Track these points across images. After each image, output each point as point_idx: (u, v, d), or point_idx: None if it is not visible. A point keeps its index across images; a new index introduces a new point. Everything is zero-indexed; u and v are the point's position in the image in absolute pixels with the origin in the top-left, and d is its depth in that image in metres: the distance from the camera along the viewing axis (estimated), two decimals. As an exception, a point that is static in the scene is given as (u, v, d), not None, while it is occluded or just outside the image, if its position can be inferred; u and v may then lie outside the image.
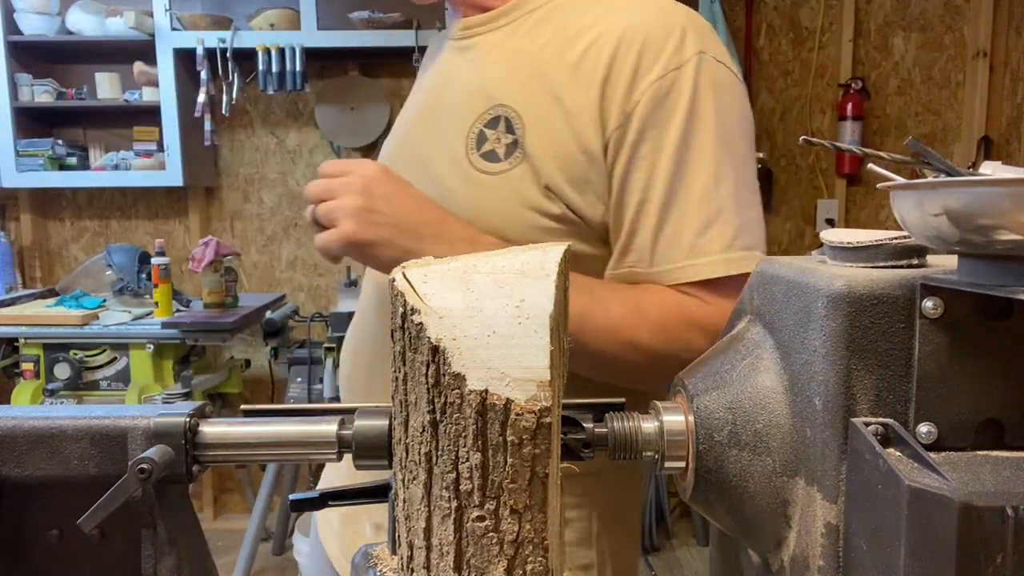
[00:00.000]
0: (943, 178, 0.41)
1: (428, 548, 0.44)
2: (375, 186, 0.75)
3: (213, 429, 0.56)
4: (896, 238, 0.47)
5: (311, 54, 2.94)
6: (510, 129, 0.79)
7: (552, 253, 0.48)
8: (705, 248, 0.77)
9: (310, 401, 2.65)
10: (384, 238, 0.74)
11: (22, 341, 2.69)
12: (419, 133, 0.92)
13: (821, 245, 0.52)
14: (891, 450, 0.42)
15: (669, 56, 0.76)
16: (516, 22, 0.86)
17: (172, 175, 2.98)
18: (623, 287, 0.80)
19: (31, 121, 3.11)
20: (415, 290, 0.44)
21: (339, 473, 1.00)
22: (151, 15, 2.94)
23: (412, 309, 0.42)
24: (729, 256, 0.76)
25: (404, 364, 0.44)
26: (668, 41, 0.77)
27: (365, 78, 3.20)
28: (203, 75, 2.93)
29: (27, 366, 2.68)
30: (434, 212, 0.77)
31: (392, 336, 0.45)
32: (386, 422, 0.53)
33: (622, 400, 0.57)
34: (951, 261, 0.45)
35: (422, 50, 2.92)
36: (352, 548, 0.91)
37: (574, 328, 0.75)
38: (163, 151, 3.01)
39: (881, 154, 0.49)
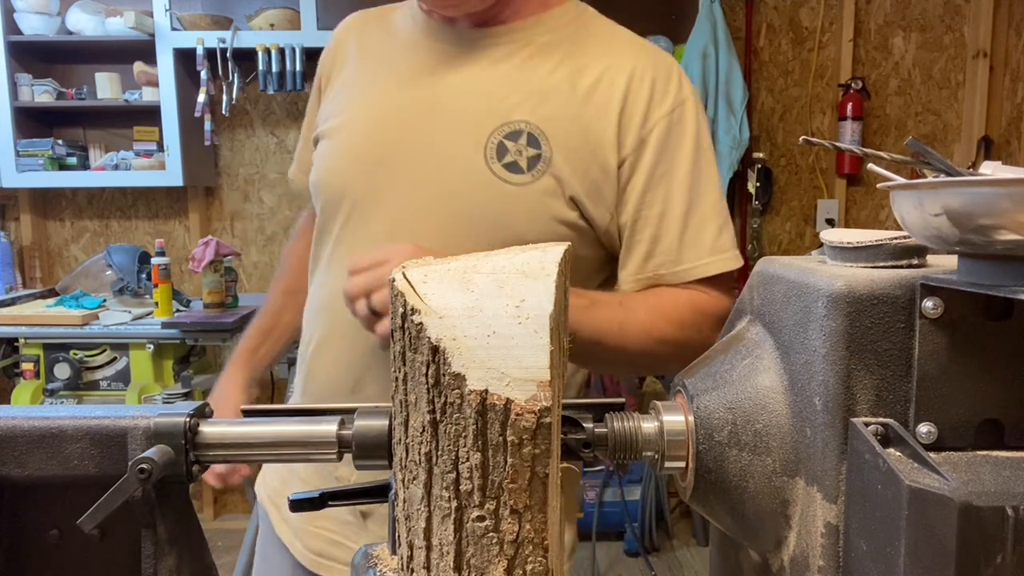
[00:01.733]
0: (943, 178, 0.41)
1: (428, 548, 0.44)
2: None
3: (213, 429, 0.56)
4: (896, 238, 0.47)
5: (311, 54, 2.93)
6: (533, 143, 0.87)
7: (552, 253, 0.48)
8: (722, 247, 0.92)
9: (310, 401, 2.65)
10: None
11: (22, 341, 2.69)
12: (406, 134, 0.92)
13: (821, 245, 0.52)
14: (891, 450, 0.42)
15: (675, 94, 0.91)
16: (523, 41, 0.92)
17: (172, 175, 2.98)
18: (641, 295, 0.91)
19: (31, 121, 3.11)
20: (415, 290, 0.44)
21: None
22: (151, 15, 2.94)
23: (412, 309, 0.42)
24: (735, 253, 0.93)
25: (404, 364, 0.44)
26: (671, 82, 0.91)
27: None
28: (203, 75, 2.93)
29: (27, 366, 2.68)
30: None
31: (392, 336, 0.45)
32: (386, 422, 0.53)
33: (622, 400, 0.57)
34: (951, 261, 0.45)
35: (422, 50, 2.91)
36: (315, 542, 0.99)
37: (617, 338, 0.85)
38: (163, 151, 3.01)
39: (881, 154, 0.49)
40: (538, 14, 0.94)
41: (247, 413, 0.59)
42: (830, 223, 3.27)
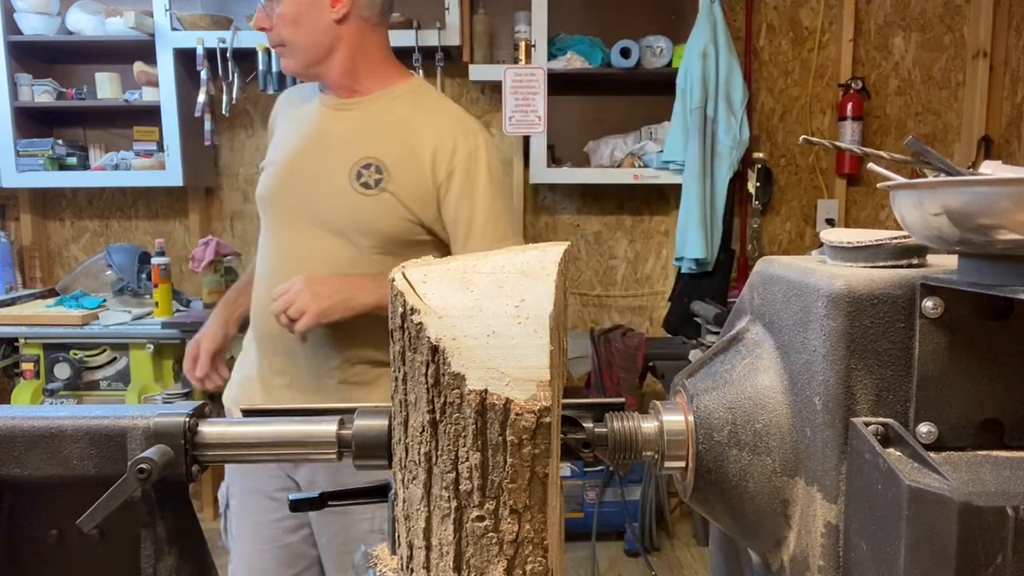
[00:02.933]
0: (943, 178, 0.41)
1: (428, 548, 0.44)
2: (311, 285, 1.30)
3: (213, 429, 0.56)
4: (896, 238, 0.47)
5: (311, 54, 2.94)
6: (378, 171, 1.38)
7: (552, 253, 0.48)
8: (508, 241, 1.40)
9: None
10: (333, 303, 1.31)
11: (22, 341, 2.69)
12: (305, 166, 1.45)
13: (821, 245, 0.52)
14: (891, 450, 0.42)
15: (471, 143, 1.41)
16: (375, 105, 1.46)
17: (172, 175, 2.98)
18: None
19: (31, 121, 3.11)
20: (415, 290, 0.44)
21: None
22: (151, 15, 2.94)
23: (412, 309, 0.42)
24: (518, 243, 1.35)
25: (404, 364, 0.43)
26: (468, 136, 1.41)
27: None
28: (203, 75, 2.93)
29: (27, 366, 2.68)
30: (343, 278, 1.36)
31: (392, 336, 0.45)
32: (386, 422, 0.53)
33: (622, 400, 0.57)
34: (951, 261, 0.45)
35: (422, 50, 2.92)
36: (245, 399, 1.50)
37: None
38: (163, 151, 3.00)
39: (881, 154, 0.49)
40: (384, 89, 1.46)
41: (247, 413, 0.59)
42: (830, 223, 3.27)
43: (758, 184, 3.11)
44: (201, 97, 2.96)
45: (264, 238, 1.50)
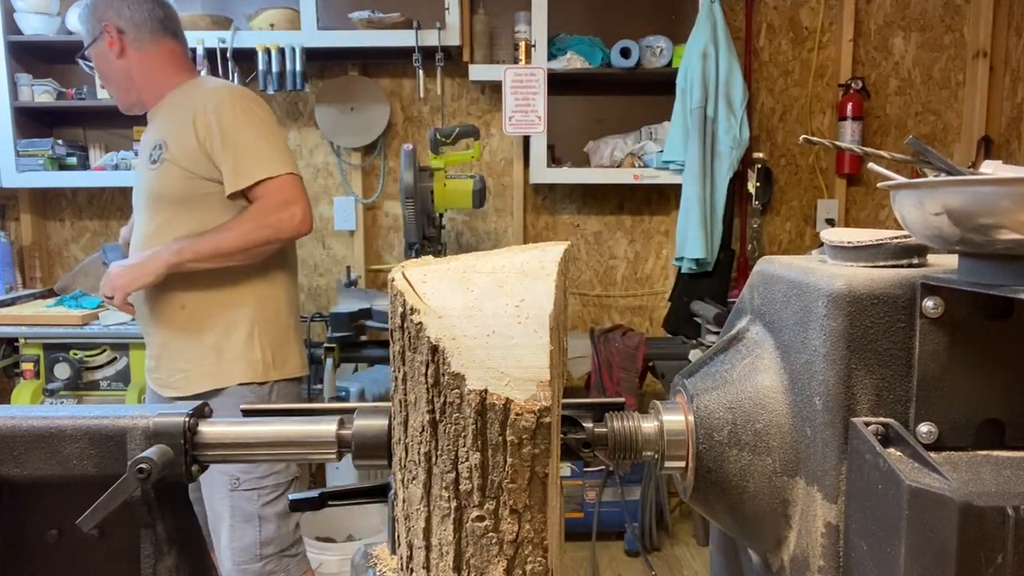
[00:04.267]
0: (943, 177, 0.41)
1: (428, 548, 0.44)
2: (109, 273, 1.74)
3: (212, 429, 0.56)
4: (896, 237, 0.47)
5: (311, 54, 2.93)
6: (159, 147, 1.77)
7: (552, 252, 0.48)
8: (267, 164, 1.76)
9: (310, 401, 2.65)
10: (128, 279, 1.72)
11: (22, 341, 2.69)
12: (139, 159, 1.91)
13: (821, 245, 0.52)
14: (891, 450, 0.42)
15: (215, 100, 1.76)
16: (163, 105, 1.84)
17: (172, 175, 2.98)
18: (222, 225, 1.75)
19: (31, 121, 3.11)
20: (414, 290, 0.44)
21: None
22: (151, 15, 2.94)
23: (411, 309, 0.42)
24: (267, 168, 1.74)
25: (403, 364, 0.43)
26: (216, 92, 1.79)
27: (365, 78, 3.20)
28: (203, 75, 2.93)
29: (27, 366, 2.68)
30: (138, 258, 1.75)
31: (391, 336, 0.45)
32: (385, 422, 0.53)
33: (622, 400, 0.57)
34: (951, 261, 0.45)
35: (422, 50, 2.92)
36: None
37: (222, 245, 1.72)
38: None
39: (882, 153, 0.49)
40: (169, 93, 1.84)
41: (247, 413, 0.59)
42: (830, 223, 3.27)
43: (758, 184, 3.11)
44: (201, 97, 2.95)
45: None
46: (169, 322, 1.79)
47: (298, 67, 2.90)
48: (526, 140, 3.11)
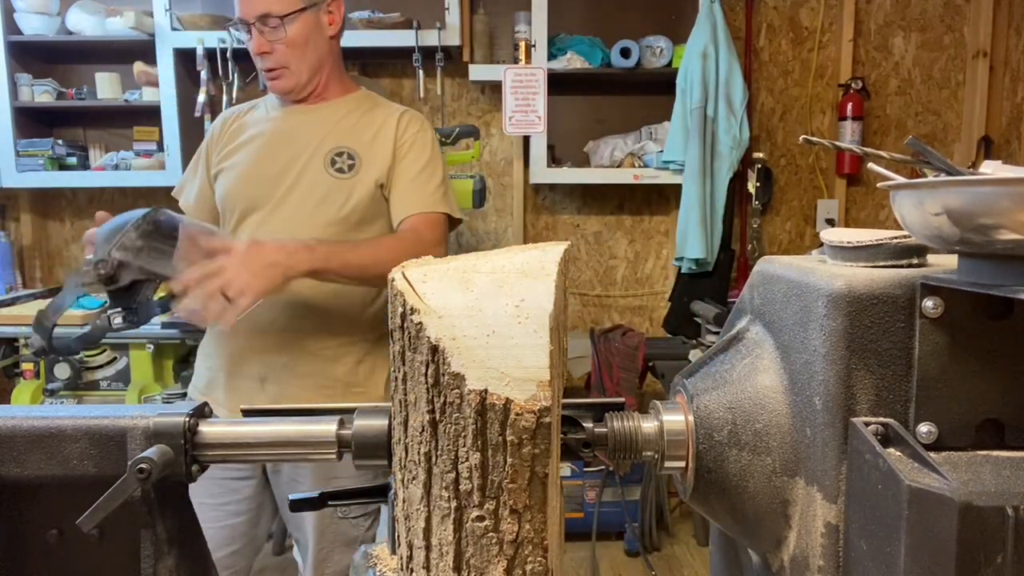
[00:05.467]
0: (943, 177, 0.41)
1: (428, 548, 0.44)
2: (233, 261, 1.27)
3: (212, 429, 0.56)
4: (896, 238, 0.47)
5: (311, 54, 2.94)
6: (351, 157, 1.59)
7: (551, 253, 0.48)
8: (433, 188, 1.62)
9: (310, 401, 2.64)
10: (270, 279, 1.29)
11: (22, 341, 2.69)
12: (276, 158, 1.59)
13: (821, 245, 0.52)
14: (891, 450, 0.42)
15: (418, 127, 1.65)
16: (341, 107, 1.65)
17: (172, 175, 2.97)
18: (366, 240, 1.56)
19: (31, 121, 3.11)
20: (414, 289, 0.44)
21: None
22: (151, 15, 2.93)
23: (411, 309, 0.42)
24: (442, 202, 1.62)
25: (403, 364, 0.43)
26: (413, 121, 1.65)
27: (365, 78, 3.20)
28: (203, 75, 2.93)
29: (27, 366, 2.68)
30: (269, 248, 1.32)
31: (391, 336, 0.45)
32: (385, 422, 0.53)
33: (622, 400, 0.57)
34: (951, 261, 0.45)
35: (422, 50, 2.92)
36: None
37: (360, 257, 1.45)
38: (163, 151, 3.00)
39: (881, 153, 0.49)
40: (346, 95, 1.68)
41: (247, 413, 0.59)
42: (830, 223, 3.27)
43: (758, 184, 3.11)
44: (201, 97, 2.96)
45: (240, 232, 1.60)
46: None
47: (298, 67, 2.90)
48: (526, 140, 3.11)
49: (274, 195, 1.56)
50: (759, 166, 3.10)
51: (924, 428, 0.44)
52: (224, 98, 3.01)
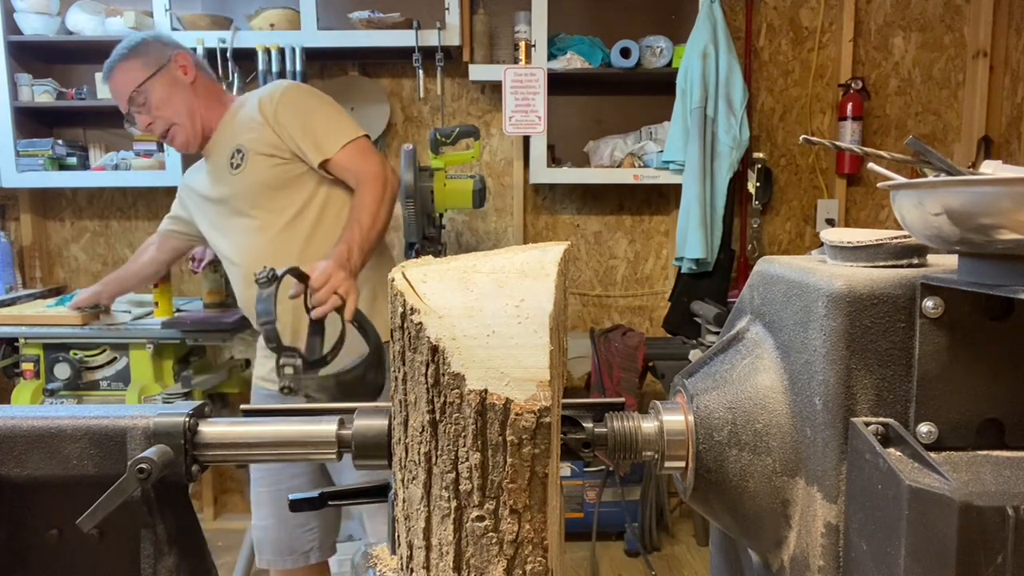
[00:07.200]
0: (943, 177, 0.41)
1: (428, 548, 0.44)
2: (334, 271, 1.61)
3: (212, 429, 0.56)
4: (896, 238, 0.47)
5: (311, 54, 2.93)
6: (239, 151, 1.84)
7: (552, 253, 0.48)
8: (348, 132, 1.86)
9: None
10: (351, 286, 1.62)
11: (22, 341, 2.69)
12: (208, 184, 1.96)
13: (821, 245, 0.52)
14: (891, 450, 0.42)
15: (275, 91, 1.86)
16: (220, 131, 1.94)
17: (172, 175, 2.97)
18: (352, 211, 1.79)
19: (31, 121, 3.11)
20: (414, 290, 0.44)
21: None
22: (151, 15, 2.93)
23: (411, 309, 0.42)
24: (346, 133, 1.84)
25: (403, 364, 0.43)
26: (267, 89, 1.89)
27: (365, 78, 3.20)
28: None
29: (27, 366, 2.68)
30: (341, 248, 1.68)
31: (392, 336, 0.45)
32: (385, 422, 0.53)
33: (622, 400, 0.57)
34: (951, 261, 0.45)
35: (422, 50, 2.92)
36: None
37: (370, 230, 1.75)
38: (163, 151, 3.00)
39: (882, 153, 0.49)
40: (223, 116, 1.94)
41: (247, 413, 0.59)
42: (830, 223, 3.27)
43: (758, 184, 3.11)
44: (201, 97, 2.95)
45: (218, 252, 2.02)
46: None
47: (298, 67, 2.90)
48: (526, 140, 3.11)
49: (222, 223, 1.93)
50: (759, 166, 3.10)
51: (924, 428, 0.44)
52: (224, 98, 3.01)
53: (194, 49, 2.93)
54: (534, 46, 2.95)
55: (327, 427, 0.55)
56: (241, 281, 1.90)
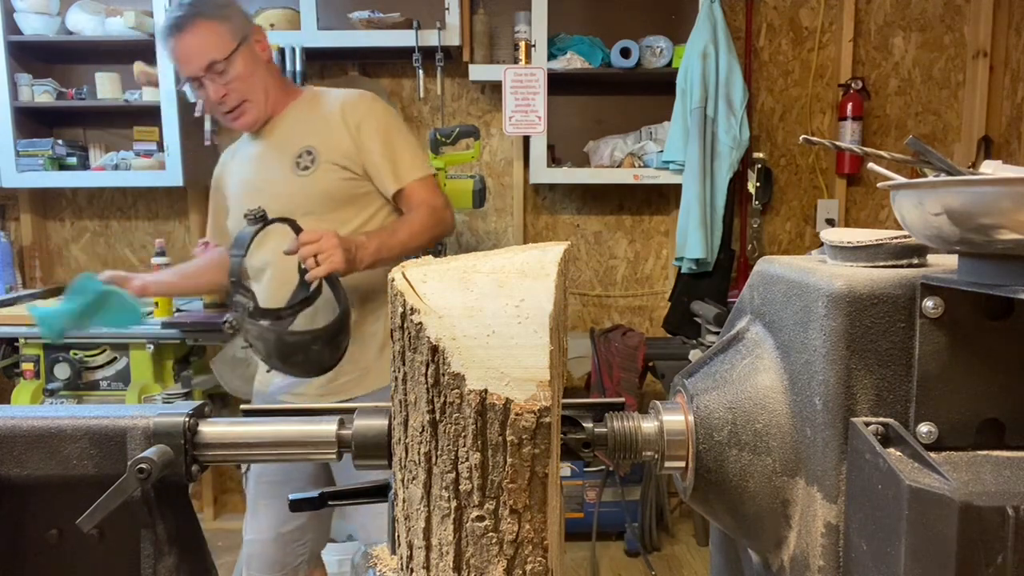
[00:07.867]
0: (943, 177, 0.41)
1: (428, 548, 0.44)
2: (329, 238, 1.56)
3: (212, 429, 0.56)
4: (896, 238, 0.47)
5: (311, 54, 2.93)
6: (310, 153, 1.75)
7: (551, 253, 0.48)
8: (423, 166, 1.83)
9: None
10: (348, 260, 1.58)
11: (22, 341, 2.69)
12: (256, 171, 1.83)
13: (821, 245, 0.52)
14: (891, 450, 0.42)
15: (367, 104, 1.81)
16: (284, 118, 1.84)
17: (172, 175, 2.97)
18: (395, 221, 1.79)
19: (31, 121, 3.11)
20: (414, 290, 0.44)
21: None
22: (151, 15, 2.93)
23: (411, 309, 0.42)
24: (420, 168, 1.80)
25: (403, 364, 0.43)
26: (362, 99, 1.82)
27: (365, 78, 3.20)
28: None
29: (27, 366, 2.68)
30: (360, 237, 1.66)
31: (392, 336, 0.45)
32: (385, 422, 0.53)
33: (622, 400, 0.57)
34: (951, 261, 0.45)
35: (422, 50, 2.92)
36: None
37: (403, 236, 1.71)
38: (163, 151, 3.00)
39: (882, 153, 0.49)
40: (291, 104, 1.84)
41: (247, 413, 0.59)
42: (830, 223, 3.27)
43: (758, 184, 3.11)
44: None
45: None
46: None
47: (298, 67, 2.90)
48: (526, 140, 3.11)
49: (263, 197, 1.76)
50: (759, 166, 3.10)
51: (924, 428, 0.44)
52: (224, 98, 3.01)
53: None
54: (534, 46, 2.95)
55: (327, 427, 0.55)
56: (273, 280, 1.75)
